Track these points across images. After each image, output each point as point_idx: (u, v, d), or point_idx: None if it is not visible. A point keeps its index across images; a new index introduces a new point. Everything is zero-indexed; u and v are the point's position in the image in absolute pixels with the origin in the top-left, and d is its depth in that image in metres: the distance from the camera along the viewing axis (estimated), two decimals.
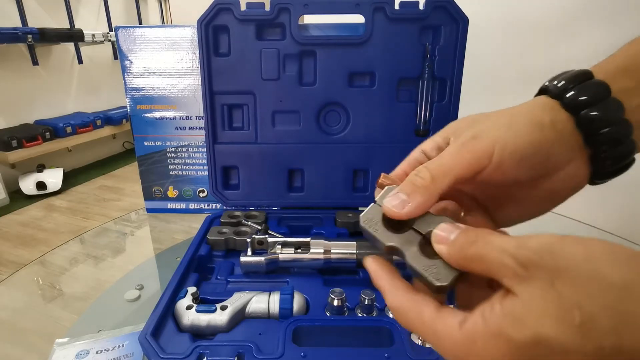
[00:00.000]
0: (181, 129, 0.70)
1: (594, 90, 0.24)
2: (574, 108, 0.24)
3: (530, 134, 0.24)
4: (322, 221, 0.62)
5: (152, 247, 0.70)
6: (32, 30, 2.25)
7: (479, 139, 0.24)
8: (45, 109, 2.61)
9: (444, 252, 0.22)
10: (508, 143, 0.23)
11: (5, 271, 1.66)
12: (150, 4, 3.36)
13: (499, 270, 0.19)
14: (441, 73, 0.59)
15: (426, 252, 0.24)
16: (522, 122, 0.24)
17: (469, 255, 0.21)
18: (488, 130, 0.24)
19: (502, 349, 0.18)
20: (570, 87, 0.24)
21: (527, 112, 0.25)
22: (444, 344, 0.20)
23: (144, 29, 0.66)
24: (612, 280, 0.16)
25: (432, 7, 0.56)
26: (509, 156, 0.23)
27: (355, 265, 0.48)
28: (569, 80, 0.25)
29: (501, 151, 0.23)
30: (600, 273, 0.16)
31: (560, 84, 0.25)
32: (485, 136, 0.24)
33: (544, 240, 0.18)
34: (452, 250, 0.22)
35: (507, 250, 0.19)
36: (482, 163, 0.24)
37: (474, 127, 0.25)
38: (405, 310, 0.22)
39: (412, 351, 0.36)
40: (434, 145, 0.27)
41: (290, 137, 0.63)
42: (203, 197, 0.74)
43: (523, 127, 0.24)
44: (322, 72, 0.60)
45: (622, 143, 0.24)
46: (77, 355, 0.42)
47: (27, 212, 2.20)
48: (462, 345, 0.19)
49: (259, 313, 0.42)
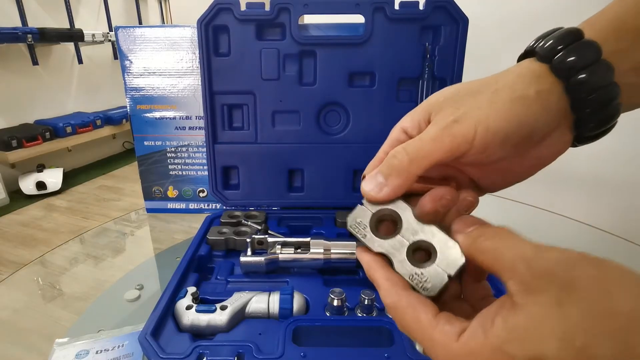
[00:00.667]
0: (181, 129, 0.70)
1: (584, 52, 0.22)
2: (562, 72, 0.23)
3: (513, 112, 0.23)
4: (322, 221, 0.62)
5: (152, 247, 0.70)
6: (32, 30, 2.25)
7: (460, 123, 0.23)
8: (45, 108, 2.61)
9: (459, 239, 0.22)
10: (490, 125, 0.23)
11: (5, 271, 1.66)
12: (150, 4, 3.36)
13: (508, 271, 0.18)
14: (441, 73, 0.59)
15: (415, 258, 0.23)
16: (505, 98, 0.23)
17: (482, 247, 0.20)
18: (470, 111, 0.23)
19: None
20: (559, 48, 0.23)
21: (511, 86, 0.23)
22: (439, 353, 0.20)
23: (144, 29, 0.66)
24: (620, 309, 0.16)
25: (432, 7, 0.56)
26: (492, 138, 0.23)
27: (355, 265, 0.48)
28: (558, 40, 0.23)
29: (484, 134, 0.23)
30: (610, 299, 0.16)
31: (548, 45, 0.23)
32: (467, 119, 0.23)
33: (564, 255, 0.17)
34: (467, 239, 0.21)
35: (524, 255, 0.18)
36: (463, 148, 0.23)
37: (455, 106, 0.24)
38: (401, 310, 0.22)
39: (412, 351, 0.36)
40: (414, 124, 0.26)
41: (290, 137, 0.63)
42: (203, 197, 0.74)
43: (506, 105, 0.23)
44: (322, 72, 0.60)
45: (607, 106, 0.23)
46: (77, 355, 0.42)
47: (27, 212, 2.20)
48: (458, 357, 0.19)
49: (258, 313, 0.42)
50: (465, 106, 0.24)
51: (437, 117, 0.24)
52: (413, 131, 0.26)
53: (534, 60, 0.24)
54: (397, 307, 0.22)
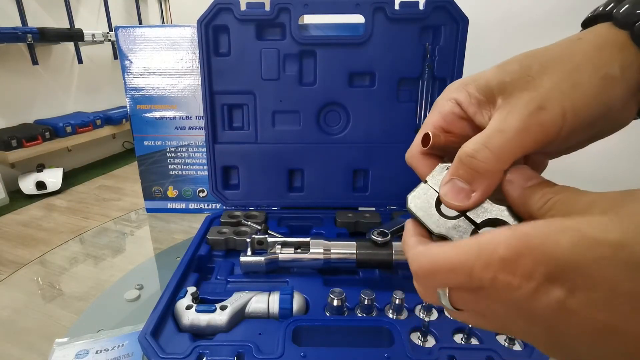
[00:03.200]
0: (181, 129, 0.70)
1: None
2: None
3: (600, 95, 0.20)
4: (322, 221, 0.62)
5: (151, 247, 0.70)
6: (32, 30, 2.25)
7: (546, 110, 0.20)
8: (45, 108, 2.61)
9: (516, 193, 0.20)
10: (578, 111, 0.20)
11: (5, 271, 1.66)
12: (150, 4, 3.36)
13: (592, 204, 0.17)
14: (441, 73, 0.59)
15: None
16: (589, 79, 0.20)
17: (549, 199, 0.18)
18: (554, 95, 0.20)
19: (572, 240, 0.15)
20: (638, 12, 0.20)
21: (592, 61, 0.21)
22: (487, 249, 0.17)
23: (143, 29, 0.66)
24: None
25: (432, 7, 0.56)
26: (580, 124, 0.21)
27: (355, 265, 0.48)
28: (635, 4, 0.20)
29: (572, 120, 0.20)
30: None
31: (624, 9, 0.21)
32: (553, 105, 0.20)
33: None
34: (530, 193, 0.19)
35: (603, 193, 0.17)
36: (552, 137, 0.20)
37: (533, 88, 0.21)
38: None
39: (412, 351, 0.36)
40: (472, 100, 0.23)
41: (290, 137, 0.63)
42: (203, 197, 0.74)
43: (593, 88, 0.20)
44: (322, 72, 0.60)
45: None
46: (77, 355, 0.42)
47: (26, 212, 2.20)
48: (511, 238, 0.16)
49: (258, 313, 0.42)
50: (544, 88, 0.21)
51: (514, 102, 0.21)
52: (470, 108, 0.23)
53: (611, 25, 0.21)
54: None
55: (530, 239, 0.16)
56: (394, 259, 0.47)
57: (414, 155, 0.26)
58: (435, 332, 0.40)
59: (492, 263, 0.17)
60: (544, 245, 0.16)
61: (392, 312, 0.42)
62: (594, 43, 0.21)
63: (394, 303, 0.42)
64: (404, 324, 0.40)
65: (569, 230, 0.15)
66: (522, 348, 0.38)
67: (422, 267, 0.20)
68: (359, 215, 0.61)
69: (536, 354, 0.36)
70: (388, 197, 0.65)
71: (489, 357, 0.36)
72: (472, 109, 0.23)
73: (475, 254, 0.17)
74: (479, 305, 0.19)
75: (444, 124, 0.24)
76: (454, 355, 0.36)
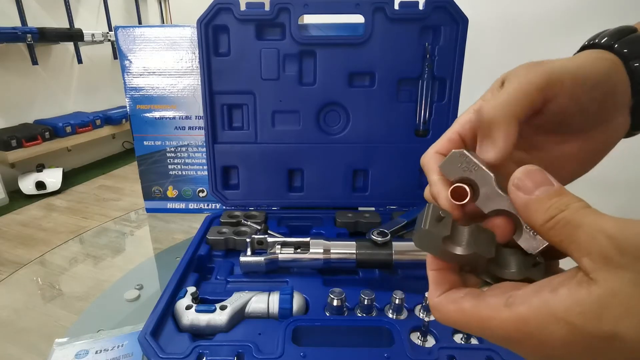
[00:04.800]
0: (181, 129, 0.70)
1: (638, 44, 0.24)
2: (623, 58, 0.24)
3: (595, 66, 0.23)
4: (322, 221, 0.62)
5: (151, 247, 0.70)
6: (31, 30, 2.25)
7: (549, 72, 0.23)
8: (44, 108, 2.60)
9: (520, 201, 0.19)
10: (578, 73, 0.23)
11: (5, 271, 1.66)
12: (150, 4, 3.36)
13: (585, 246, 0.17)
14: (441, 73, 0.59)
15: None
16: (586, 59, 0.24)
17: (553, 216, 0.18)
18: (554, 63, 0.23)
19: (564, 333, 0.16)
20: (613, 41, 0.25)
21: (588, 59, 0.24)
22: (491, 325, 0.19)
23: (143, 29, 0.66)
24: None
25: (432, 7, 0.56)
26: (581, 82, 0.23)
27: (355, 265, 0.48)
28: (612, 36, 0.25)
29: (573, 77, 0.23)
30: None
31: (604, 40, 0.25)
32: (554, 66, 0.23)
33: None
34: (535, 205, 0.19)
35: (605, 228, 0.16)
36: (555, 89, 0.22)
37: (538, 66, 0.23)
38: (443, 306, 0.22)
39: (411, 351, 0.36)
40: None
41: (290, 137, 0.63)
42: (203, 197, 0.74)
43: (588, 61, 0.24)
44: (322, 72, 0.60)
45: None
46: (77, 355, 0.42)
47: (26, 212, 2.20)
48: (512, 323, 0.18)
49: (258, 313, 0.42)
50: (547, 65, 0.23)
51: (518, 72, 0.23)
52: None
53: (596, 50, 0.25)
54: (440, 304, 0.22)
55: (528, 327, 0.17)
56: (394, 259, 0.47)
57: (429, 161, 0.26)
58: (435, 332, 0.40)
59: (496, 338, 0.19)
60: (540, 334, 0.17)
61: (392, 312, 0.42)
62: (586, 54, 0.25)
63: (394, 303, 0.42)
64: (404, 324, 0.40)
65: (562, 322, 0.16)
66: None
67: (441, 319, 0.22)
68: (358, 215, 0.61)
69: None
70: (388, 197, 0.65)
71: (489, 357, 0.36)
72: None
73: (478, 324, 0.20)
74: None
75: (460, 130, 0.25)
76: (454, 355, 0.36)
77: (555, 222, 0.18)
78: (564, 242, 0.18)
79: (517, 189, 0.19)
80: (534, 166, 0.20)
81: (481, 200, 0.22)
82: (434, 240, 0.21)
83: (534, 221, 0.19)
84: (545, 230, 0.18)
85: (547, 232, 0.18)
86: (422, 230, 0.21)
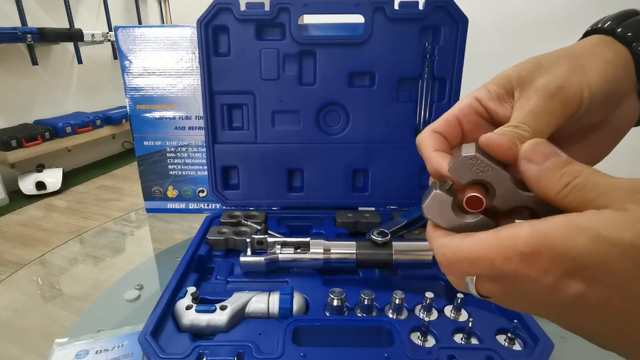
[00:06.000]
0: (181, 129, 0.70)
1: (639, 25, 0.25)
2: (626, 42, 0.25)
3: (605, 73, 0.24)
4: (322, 221, 0.62)
5: (151, 247, 0.70)
6: (31, 30, 2.25)
7: (566, 89, 0.23)
8: (44, 108, 2.60)
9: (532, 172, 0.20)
10: (591, 86, 0.23)
11: (5, 271, 1.66)
12: (150, 4, 3.36)
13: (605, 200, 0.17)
14: (441, 73, 0.59)
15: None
16: (593, 63, 0.24)
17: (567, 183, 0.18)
18: (569, 77, 0.23)
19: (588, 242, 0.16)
20: (616, 25, 0.25)
21: (592, 52, 0.25)
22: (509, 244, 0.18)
23: (143, 29, 0.66)
24: None
25: (432, 7, 0.56)
26: (594, 97, 0.23)
27: (355, 265, 0.48)
28: (615, 20, 0.25)
29: (588, 94, 0.23)
30: None
31: (607, 25, 0.26)
32: (571, 84, 0.23)
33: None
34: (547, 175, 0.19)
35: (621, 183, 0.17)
36: (572, 111, 0.23)
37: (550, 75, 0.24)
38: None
39: (411, 351, 0.36)
40: (492, 95, 0.25)
41: (290, 137, 0.63)
42: (203, 197, 0.74)
43: (597, 68, 0.24)
44: (322, 72, 0.60)
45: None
46: (77, 355, 0.42)
47: (26, 212, 2.20)
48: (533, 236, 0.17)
49: (258, 313, 0.42)
50: (558, 72, 0.24)
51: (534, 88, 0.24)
52: (490, 102, 0.25)
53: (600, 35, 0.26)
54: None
55: (548, 239, 0.17)
56: (394, 259, 0.47)
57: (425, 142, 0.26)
58: (435, 332, 0.40)
59: (512, 257, 0.18)
60: (561, 245, 0.17)
61: (392, 312, 0.42)
62: (589, 42, 0.25)
63: (394, 303, 0.42)
64: (404, 323, 0.40)
65: (585, 231, 0.17)
66: (522, 348, 0.38)
67: (446, 257, 0.21)
68: (358, 215, 0.61)
69: (536, 354, 0.36)
70: (388, 197, 0.65)
71: (489, 357, 0.36)
72: (492, 103, 0.25)
73: (496, 247, 0.19)
74: (503, 291, 0.20)
75: (459, 113, 0.26)
76: (454, 355, 0.36)
77: (571, 189, 0.18)
78: (581, 205, 0.18)
79: (528, 162, 0.20)
80: (541, 140, 0.20)
81: (498, 200, 0.22)
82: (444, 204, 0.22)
83: (548, 191, 0.19)
84: (561, 197, 0.19)
85: (563, 200, 0.19)
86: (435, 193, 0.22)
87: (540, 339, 0.37)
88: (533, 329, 0.38)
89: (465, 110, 0.25)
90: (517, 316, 0.40)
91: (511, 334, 0.38)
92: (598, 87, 0.23)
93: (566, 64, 0.24)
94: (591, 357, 0.30)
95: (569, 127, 0.25)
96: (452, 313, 0.42)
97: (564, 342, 0.40)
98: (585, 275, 0.17)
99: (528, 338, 0.39)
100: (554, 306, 0.19)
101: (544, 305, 0.19)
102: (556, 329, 0.23)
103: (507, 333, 0.39)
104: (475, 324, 0.39)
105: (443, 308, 0.43)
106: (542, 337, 0.37)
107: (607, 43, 0.25)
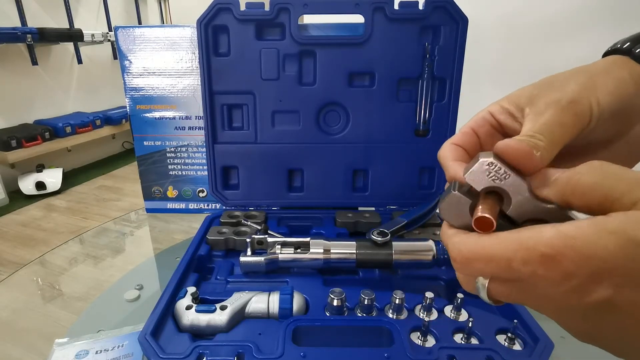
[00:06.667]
0: (181, 129, 0.70)
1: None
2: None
3: (617, 90, 0.24)
4: (322, 221, 0.62)
5: (151, 247, 0.70)
6: (31, 30, 2.25)
7: (577, 103, 0.24)
8: (44, 109, 2.60)
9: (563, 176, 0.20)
10: (600, 101, 0.24)
11: (5, 271, 1.66)
12: (150, 4, 3.36)
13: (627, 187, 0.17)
14: (441, 73, 0.59)
15: None
16: (606, 81, 0.25)
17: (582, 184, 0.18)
18: (581, 92, 0.24)
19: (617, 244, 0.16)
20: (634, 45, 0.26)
21: (605, 71, 0.25)
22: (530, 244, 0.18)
23: (143, 29, 0.66)
24: None
25: (432, 7, 0.56)
26: (603, 114, 0.24)
27: (355, 265, 0.48)
28: (634, 41, 0.26)
29: (597, 109, 0.24)
30: None
31: (626, 45, 0.27)
32: (582, 98, 0.24)
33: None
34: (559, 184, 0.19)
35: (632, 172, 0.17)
36: (584, 124, 0.24)
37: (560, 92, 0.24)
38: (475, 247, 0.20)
39: (411, 351, 0.36)
40: (503, 110, 0.26)
41: (290, 137, 0.63)
42: (203, 197, 0.74)
43: (608, 85, 0.24)
44: (322, 72, 0.60)
45: None
46: (77, 355, 0.42)
47: (26, 212, 2.20)
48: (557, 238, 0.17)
49: (258, 313, 0.42)
50: (570, 89, 0.24)
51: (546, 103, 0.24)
52: (501, 115, 0.26)
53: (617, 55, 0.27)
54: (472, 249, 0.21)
55: (575, 241, 0.17)
56: (394, 259, 0.47)
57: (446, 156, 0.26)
58: (435, 332, 0.40)
59: (532, 258, 0.18)
60: (588, 248, 0.17)
61: (392, 312, 0.42)
62: (605, 62, 0.26)
63: (394, 303, 0.42)
64: (404, 323, 0.40)
65: (614, 234, 0.16)
66: (522, 348, 0.38)
67: (462, 254, 0.21)
68: (358, 215, 0.61)
69: (536, 354, 0.36)
70: (388, 197, 0.65)
71: (489, 357, 0.36)
72: (503, 116, 0.26)
73: (515, 247, 0.18)
74: (516, 295, 0.20)
75: (474, 125, 0.27)
76: (454, 355, 0.36)
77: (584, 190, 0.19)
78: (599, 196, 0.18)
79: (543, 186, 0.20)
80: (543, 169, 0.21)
81: (513, 210, 0.21)
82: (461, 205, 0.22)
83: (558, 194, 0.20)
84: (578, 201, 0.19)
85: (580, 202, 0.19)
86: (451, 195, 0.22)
87: (540, 338, 0.37)
88: (533, 328, 0.38)
89: (480, 122, 0.27)
90: (517, 316, 0.40)
91: (511, 334, 0.38)
92: (607, 102, 0.24)
93: (578, 81, 0.25)
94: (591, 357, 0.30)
95: (579, 141, 0.25)
96: (452, 313, 0.42)
97: (564, 342, 0.40)
98: (614, 279, 0.17)
99: (528, 338, 0.39)
100: (574, 310, 0.18)
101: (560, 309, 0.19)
102: (556, 329, 0.22)
103: (507, 333, 0.39)
104: (475, 324, 0.39)
105: (443, 308, 0.43)
106: (542, 337, 0.37)
107: (624, 63, 0.26)
